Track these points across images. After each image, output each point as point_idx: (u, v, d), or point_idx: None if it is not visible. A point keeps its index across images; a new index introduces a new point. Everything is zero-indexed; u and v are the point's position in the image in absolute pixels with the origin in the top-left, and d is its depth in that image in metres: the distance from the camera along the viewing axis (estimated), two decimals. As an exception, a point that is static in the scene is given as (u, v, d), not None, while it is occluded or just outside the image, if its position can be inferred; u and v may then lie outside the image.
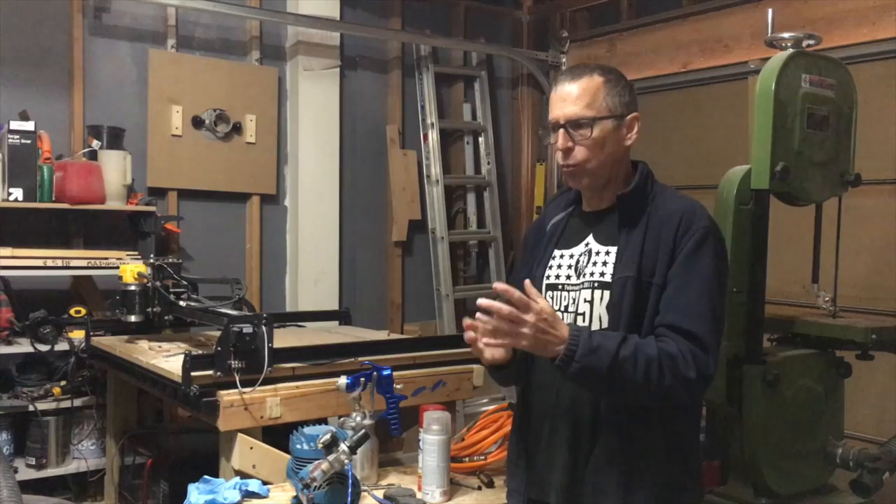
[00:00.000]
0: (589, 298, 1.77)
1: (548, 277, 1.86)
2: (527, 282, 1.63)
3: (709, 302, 1.67)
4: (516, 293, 1.59)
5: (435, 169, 5.08)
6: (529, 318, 1.58)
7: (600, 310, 1.75)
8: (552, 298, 1.84)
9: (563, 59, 5.42)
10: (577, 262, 1.82)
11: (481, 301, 1.61)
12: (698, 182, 4.05)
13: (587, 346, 1.59)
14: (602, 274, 1.76)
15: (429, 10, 5.24)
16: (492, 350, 1.68)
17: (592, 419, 1.74)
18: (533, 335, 1.58)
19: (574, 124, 1.74)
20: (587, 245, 1.83)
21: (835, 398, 2.58)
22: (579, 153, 1.76)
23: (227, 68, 4.45)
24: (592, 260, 1.79)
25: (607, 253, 1.77)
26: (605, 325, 1.73)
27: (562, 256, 1.86)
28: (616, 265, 1.74)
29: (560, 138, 1.76)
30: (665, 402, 1.69)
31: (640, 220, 1.75)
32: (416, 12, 5.17)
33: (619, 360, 1.59)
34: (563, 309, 1.81)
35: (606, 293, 1.74)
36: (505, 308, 1.58)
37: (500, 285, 1.61)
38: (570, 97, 1.75)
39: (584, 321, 1.76)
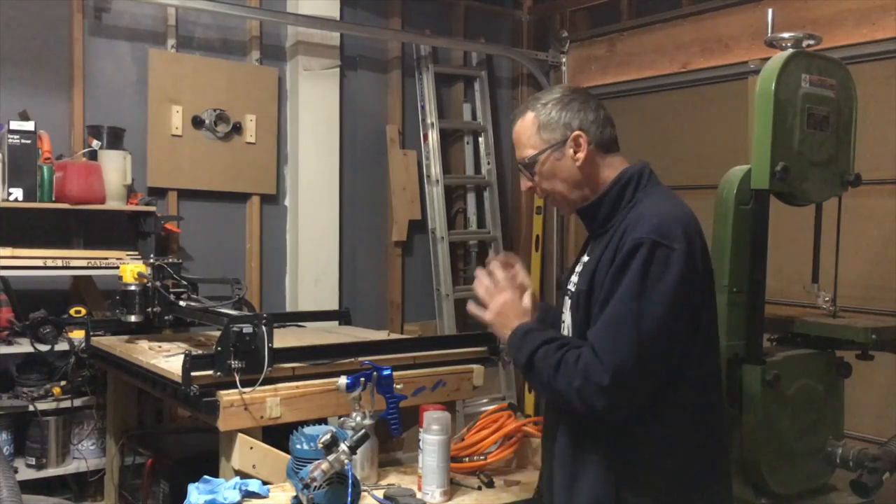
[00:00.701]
0: (567, 308, 1.87)
1: (565, 284, 1.94)
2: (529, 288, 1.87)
3: (616, 316, 1.64)
4: (499, 275, 1.88)
5: (435, 169, 5.08)
6: (499, 298, 1.84)
7: (568, 319, 1.85)
8: (563, 304, 1.92)
9: (563, 59, 5.42)
10: (576, 270, 1.90)
11: (480, 271, 1.93)
12: (698, 182, 4.05)
13: (516, 343, 1.79)
14: (574, 284, 1.83)
15: (429, 10, 5.24)
16: None
17: (559, 424, 1.82)
18: (495, 313, 1.85)
19: (524, 166, 1.85)
20: (584, 254, 1.89)
21: (835, 398, 2.58)
22: (540, 189, 1.86)
23: (227, 68, 4.45)
24: (578, 269, 1.87)
25: (583, 264, 1.84)
26: (571, 333, 1.82)
27: (578, 264, 1.92)
28: (579, 277, 1.81)
29: (522, 179, 1.89)
30: (570, 408, 1.70)
31: (607, 232, 1.77)
32: (416, 12, 5.17)
33: (534, 358, 1.73)
34: (563, 314, 1.91)
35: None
36: (484, 282, 1.89)
37: (493, 263, 1.90)
38: (515, 140, 1.88)
39: (564, 329, 1.87)
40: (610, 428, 1.71)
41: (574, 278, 1.85)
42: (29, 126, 3.49)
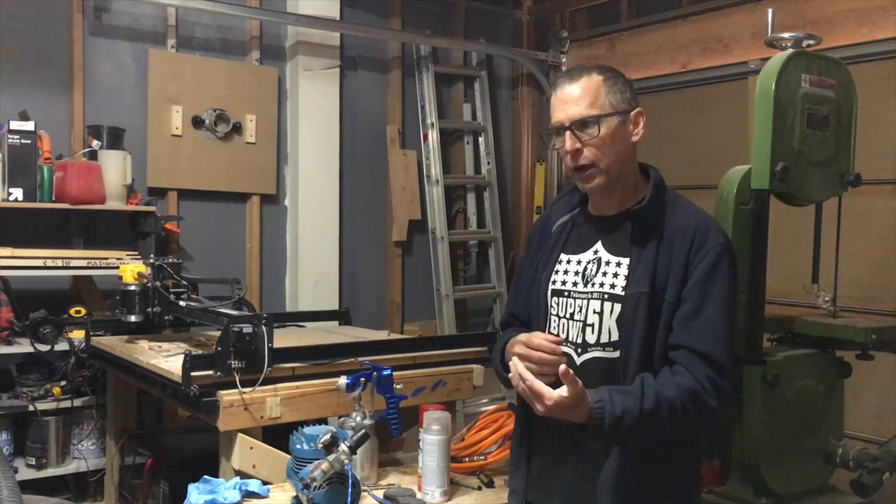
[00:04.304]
0: (598, 310, 1.74)
1: (553, 283, 1.83)
2: (562, 368, 1.57)
3: (725, 324, 1.68)
4: (541, 388, 1.57)
5: (435, 169, 5.08)
6: (544, 403, 1.58)
7: (610, 322, 1.73)
8: (558, 305, 1.81)
9: (563, 59, 5.42)
10: (585, 269, 1.79)
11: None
12: (698, 182, 4.04)
13: (612, 416, 1.59)
14: (613, 286, 1.73)
15: (429, 10, 5.24)
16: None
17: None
18: (546, 413, 1.60)
19: (580, 125, 1.72)
20: (596, 252, 1.80)
21: (835, 398, 2.58)
22: (589, 153, 1.73)
23: (227, 68, 4.45)
24: (602, 270, 1.77)
25: (618, 264, 1.75)
26: (615, 338, 1.72)
27: (568, 262, 1.83)
28: (628, 279, 1.72)
29: (567, 140, 1.73)
30: (698, 427, 1.73)
31: (653, 234, 1.73)
32: (416, 12, 5.17)
33: (643, 416, 1.60)
34: (568, 316, 1.79)
35: (618, 306, 1.72)
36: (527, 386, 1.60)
37: (528, 379, 1.59)
38: (571, 98, 1.73)
39: (592, 332, 1.75)
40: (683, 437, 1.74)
41: (605, 279, 1.75)
42: (29, 126, 3.49)
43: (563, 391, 1.57)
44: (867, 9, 3.85)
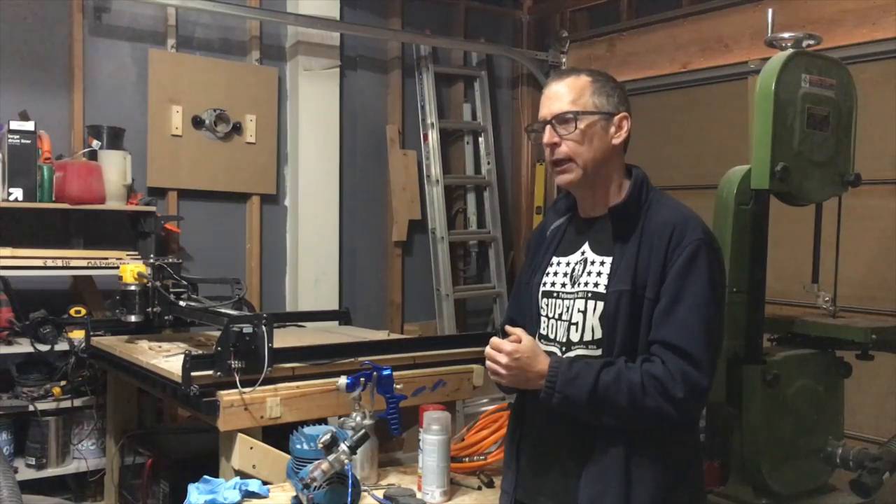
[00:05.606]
0: (582, 308, 1.77)
1: (544, 285, 1.87)
2: (507, 327, 1.78)
3: (701, 317, 1.67)
4: (495, 340, 1.75)
5: (435, 169, 5.08)
6: (501, 358, 1.72)
7: (593, 320, 1.75)
8: (547, 306, 1.85)
9: (563, 59, 5.42)
10: (573, 270, 1.83)
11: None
12: (698, 182, 4.06)
13: (566, 376, 1.68)
14: (596, 284, 1.76)
15: (429, 10, 5.24)
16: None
17: (590, 428, 1.73)
18: (509, 374, 1.73)
19: (559, 119, 1.77)
20: (583, 254, 1.83)
21: (835, 398, 2.58)
22: (565, 147, 1.77)
23: (227, 68, 4.45)
24: (587, 269, 1.80)
25: (602, 263, 1.78)
26: (597, 335, 1.75)
27: (558, 264, 1.87)
28: (611, 277, 1.75)
29: (546, 133, 1.79)
30: (658, 424, 1.69)
31: (634, 231, 1.75)
32: (416, 12, 5.17)
33: (599, 386, 1.65)
34: (557, 317, 1.82)
35: (600, 304, 1.74)
36: (487, 350, 1.76)
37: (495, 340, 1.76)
38: (556, 95, 1.79)
39: (576, 330, 1.78)
40: (664, 431, 1.72)
41: (589, 278, 1.78)
42: (29, 126, 3.49)
43: (513, 339, 1.72)
44: (867, 9, 3.85)
